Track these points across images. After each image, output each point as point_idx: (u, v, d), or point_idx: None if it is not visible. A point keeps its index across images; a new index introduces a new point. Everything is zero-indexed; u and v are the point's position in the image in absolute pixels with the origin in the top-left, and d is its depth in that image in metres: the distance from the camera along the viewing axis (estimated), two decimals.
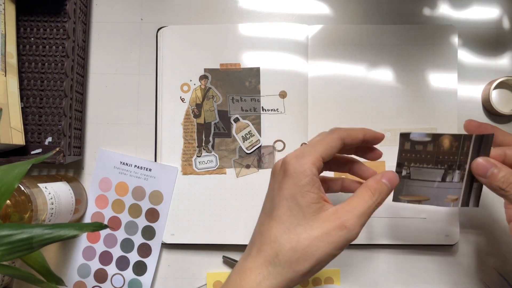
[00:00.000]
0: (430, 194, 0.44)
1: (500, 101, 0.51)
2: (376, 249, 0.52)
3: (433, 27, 0.52)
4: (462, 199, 0.44)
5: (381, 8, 0.53)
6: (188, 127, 0.52)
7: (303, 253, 0.35)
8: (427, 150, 0.43)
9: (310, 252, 0.35)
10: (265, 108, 0.51)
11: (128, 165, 0.52)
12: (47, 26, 0.51)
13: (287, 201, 0.36)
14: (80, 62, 0.51)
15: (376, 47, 0.51)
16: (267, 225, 0.36)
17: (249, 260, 0.36)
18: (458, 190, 0.44)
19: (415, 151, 0.43)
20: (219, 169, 0.51)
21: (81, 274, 0.52)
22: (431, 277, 0.51)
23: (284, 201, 0.36)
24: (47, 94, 0.51)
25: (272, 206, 0.37)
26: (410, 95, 0.51)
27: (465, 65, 0.52)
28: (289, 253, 0.35)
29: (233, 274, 0.37)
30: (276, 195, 0.37)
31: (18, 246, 0.30)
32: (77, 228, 0.31)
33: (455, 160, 0.43)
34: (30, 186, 0.42)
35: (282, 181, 0.36)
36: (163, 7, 0.53)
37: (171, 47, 0.52)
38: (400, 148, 0.43)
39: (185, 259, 0.52)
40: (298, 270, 0.35)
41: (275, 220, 0.36)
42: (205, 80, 0.52)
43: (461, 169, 0.43)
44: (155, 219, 0.51)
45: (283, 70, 0.51)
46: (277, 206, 0.36)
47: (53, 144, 0.51)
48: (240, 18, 0.53)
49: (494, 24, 0.52)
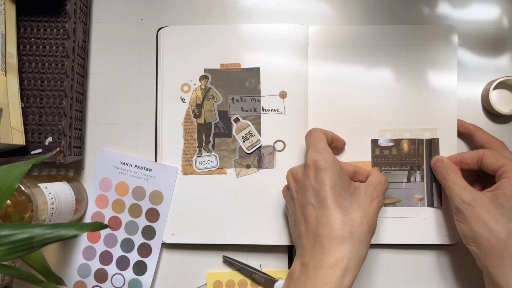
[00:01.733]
0: (401, 195, 0.51)
1: (499, 101, 0.51)
2: (376, 249, 0.52)
3: (433, 27, 0.52)
4: (427, 199, 0.50)
5: (381, 8, 0.53)
6: (188, 127, 0.52)
7: (368, 225, 0.41)
8: (392, 154, 0.51)
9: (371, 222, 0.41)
10: (265, 108, 0.51)
11: (128, 165, 0.52)
12: (47, 26, 0.51)
13: (335, 189, 0.41)
14: (80, 62, 0.51)
15: (376, 47, 0.51)
16: (327, 215, 0.40)
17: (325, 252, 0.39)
18: (422, 190, 0.51)
19: (384, 155, 0.51)
20: (219, 169, 0.51)
21: (81, 274, 0.52)
22: (431, 277, 0.51)
23: (332, 190, 0.41)
24: (48, 94, 0.51)
25: (321, 199, 0.41)
26: (410, 95, 0.51)
27: (464, 65, 0.52)
28: (359, 228, 0.40)
29: (313, 270, 0.39)
30: (320, 188, 0.41)
31: (19, 246, 0.30)
32: (77, 228, 0.31)
33: (414, 162, 0.50)
34: (30, 186, 0.42)
35: (318, 175, 0.41)
36: (163, 7, 0.53)
37: (171, 47, 0.52)
38: (372, 154, 0.51)
39: (185, 259, 0.52)
40: (369, 240, 0.41)
41: (332, 207, 0.40)
42: (205, 80, 0.52)
43: (420, 169, 0.50)
44: (155, 219, 0.51)
45: (283, 70, 0.51)
46: (327, 195, 0.41)
47: (54, 144, 0.51)
48: (240, 18, 0.53)
49: (494, 24, 0.52)
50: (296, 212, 0.44)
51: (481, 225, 0.42)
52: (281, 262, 0.52)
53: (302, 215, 0.43)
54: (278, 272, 0.51)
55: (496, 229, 0.41)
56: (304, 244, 0.41)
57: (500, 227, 0.41)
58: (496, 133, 0.50)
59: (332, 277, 0.38)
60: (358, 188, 0.43)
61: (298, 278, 0.40)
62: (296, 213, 0.44)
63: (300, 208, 0.43)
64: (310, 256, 0.40)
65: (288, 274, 0.42)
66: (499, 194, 0.43)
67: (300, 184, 0.43)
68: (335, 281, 0.38)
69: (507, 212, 0.42)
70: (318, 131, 0.46)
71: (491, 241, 0.41)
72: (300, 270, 0.40)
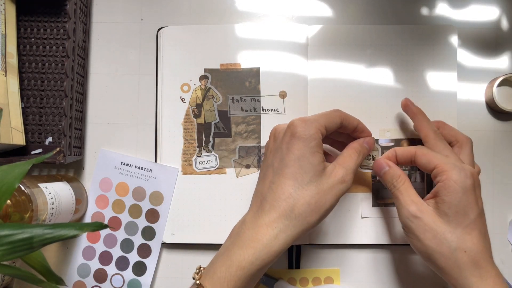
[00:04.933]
0: None
1: (503, 99, 0.51)
2: (376, 249, 0.52)
3: (433, 27, 0.52)
4: None
5: (381, 8, 0.53)
6: (188, 127, 0.52)
7: (316, 206, 0.39)
8: None
9: (320, 204, 0.39)
10: (265, 108, 0.51)
11: (129, 166, 0.52)
12: (47, 26, 0.51)
13: (299, 160, 0.39)
14: (81, 62, 0.51)
15: (376, 47, 0.51)
16: (279, 183, 0.39)
17: (263, 216, 0.39)
18: (422, 190, 0.49)
19: None
20: (219, 169, 0.51)
21: (80, 274, 0.52)
22: (431, 277, 0.51)
23: (296, 160, 0.39)
24: (48, 94, 0.51)
25: (282, 165, 0.40)
26: (409, 95, 0.51)
27: (464, 65, 0.52)
28: (303, 207, 0.39)
29: (245, 229, 0.39)
30: (285, 154, 0.40)
31: (19, 246, 0.30)
32: (77, 228, 0.31)
33: None
34: (30, 186, 0.42)
35: (291, 142, 0.40)
36: (163, 7, 0.53)
37: (171, 47, 0.52)
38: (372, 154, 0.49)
39: (185, 259, 0.52)
40: (310, 221, 0.39)
41: (287, 177, 0.39)
42: (205, 80, 0.52)
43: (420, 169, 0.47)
44: (155, 220, 0.51)
45: (283, 70, 0.51)
46: (288, 164, 0.39)
47: (54, 144, 0.51)
48: (240, 18, 0.53)
49: (493, 24, 0.53)
50: (261, 169, 0.44)
51: (431, 238, 0.40)
52: (280, 262, 0.52)
53: (262, 174, 0.42)
54: (278, 272, 0.51)
55: (446, 239, 0.39)
56: (252, 203, 0.42)
57: (449, 236, 0.39)
58: (500, 130, 0.50)
59: (259, 237, 0.38)
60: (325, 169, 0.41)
61: (234, 235, 0.40)
62: (261, 170, 0.44)
63: (263, 168, 0.43)
64: (251, 216, 0.40)
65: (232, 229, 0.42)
66: (439, 202, 0.40)
67: (276, 144, 0.42)
68: (262, 241, 0.38)
69: (452, 219, 0.39)
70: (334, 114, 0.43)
71: (444, 253, 0.39)
72: (238, 228, 0.41)
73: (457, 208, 0.39)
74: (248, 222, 0.40)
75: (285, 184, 0.39)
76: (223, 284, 0.37)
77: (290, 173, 0.39)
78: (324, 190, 0.39)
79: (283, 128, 0.42)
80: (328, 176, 0.40)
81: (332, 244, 0.51)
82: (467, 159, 0.44)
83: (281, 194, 0.39)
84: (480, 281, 0.39)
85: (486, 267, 0.39)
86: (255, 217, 0.40)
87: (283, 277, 0.51)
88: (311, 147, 0.39)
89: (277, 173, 0.40)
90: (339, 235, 0.51)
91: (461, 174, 0.40)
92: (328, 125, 0.41)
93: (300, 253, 0.51)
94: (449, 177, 0.40)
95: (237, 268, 0.38)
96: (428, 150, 0.43)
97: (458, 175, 0.40)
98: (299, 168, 0.39)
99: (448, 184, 0.40)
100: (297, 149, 0.39)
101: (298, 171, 0.39)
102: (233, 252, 0.38)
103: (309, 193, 0.39)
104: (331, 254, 0.52)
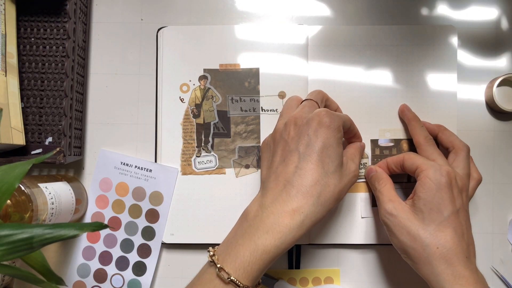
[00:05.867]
0: (401, 195, 0.50)
1: (503, 99, 0.51)
2: (376, 249, 0.52)
3: (433, 27, 0.52)
4: None
5: (380, 8, 0.53)
6: (187, 127, 0.52)
7: (338, 195, 0.40)
8: (392, 154, 0.50)
9: (342, 194, 0.41)
10: (265, 108, 0.51)
11: (129, 166, 0.52)
12: (47, 26, 0.51)
13: (327, 149, 0.40)
14: (81, 62, 0.51)
15: (376, 48, 0.51)
16: (307, 168, 0.40)
17: (290, 201, 0.39)
18: None
19: (384, 155, 0.50)
20: (218, 169, 0.51)
21: (80, 274, 0.52)
22: None
23: (324, 148, 0.40)
24: (48, 94, 0.51)
25: (310, 151, 0.40)
26: (409, 96, 0.51)
27: (464, 65, 0.52)
28: (329, 194, 0.39)
29: (268, 214, 0.39)
30: (314, 141, 0.40)
31: (19, 246, 0.30)
32: (77, 228, 0.31)
33: None
34: (30, 186, 0.42)
35: (319, 130, 0.40)
36: (163, 8, 0.53)
37: (171, 47, 0.52)
38: (372, 154, 0.51)
39: (185, 259, 0.52)
40: (330, 209, 0.40)
41: (316, 164, 0.40)
42: (205, 80, 0.52)
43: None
44: (155, 220, 0.51)
45: (283, 71, 0.51)
46: (317, 150, 0.40)
47: (54, 144, 0.51)
48: (240, 19, 0.53)
49: (493, 24, 0.53)
50: (276, 153, 0.42)
51: (405, 234, 0.42)
52: (280, 262, 0.52)
53: (283, 158, 0.41)
54: (277, 272, 0.51)
55: (419, 236, 0.41)
56: (271, 187, 0.41)
57: (422, 233, 0.41)
58: (500, 130, 0.50)
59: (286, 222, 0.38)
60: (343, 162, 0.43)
61: (253, 218, 0.40)
62: (276, 155, 0.42)
63: (283, 152, 0.42)
64: (272, 200, 0.40)
65: (243, 214, 0.41)
66: (416, 199, 0.42)
67: (299, 129, 0.41)
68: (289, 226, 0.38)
69: (426, 216, 0.41)
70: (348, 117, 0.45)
71: (417, 249, 0.41)
72: (257, 211, 0.40)
73: (431, 205, 0.41)
74: (268, 206, 0.39)
75: (313, 169, 0.39)
76: (246, 268, 0.37)
77: (319, 160, 0.40)
78: (344, 180, 0.41)
79: (305, 115, 0.42)
80: (345, 169, 0.42)
81: (332, 244, 0.51)
82: (461, 166, 0.45)
83: (310, 180, 0.39)
84: (452, 279, 0.39)
85: (458, 266, 0.40)
86: (278, 201, 0.39)
87: (283, 277, 0.51)
88: (338, 137, 0.41)
89: (304, 159, 0.40)
90: (339, 235, 0.51)
91: (436, 172, 0.42)
92: (344, 125, 0.43)
93: (300, 253, 0.51)
94: (426, 175, 0.42)
95: (262, 252, 0.38)
96: (415, 154, 0.45)
97: (433, 173, 0.42)
98: (327, 157, 0.40)
99: (424, 181, 0.42)
100: (325, 137, 0.40)
101: (326, 159, 0.40)
102: (257, 237, 0.38)
103: (333, 181, 0.40)
104: (331, 254, 0.52)
